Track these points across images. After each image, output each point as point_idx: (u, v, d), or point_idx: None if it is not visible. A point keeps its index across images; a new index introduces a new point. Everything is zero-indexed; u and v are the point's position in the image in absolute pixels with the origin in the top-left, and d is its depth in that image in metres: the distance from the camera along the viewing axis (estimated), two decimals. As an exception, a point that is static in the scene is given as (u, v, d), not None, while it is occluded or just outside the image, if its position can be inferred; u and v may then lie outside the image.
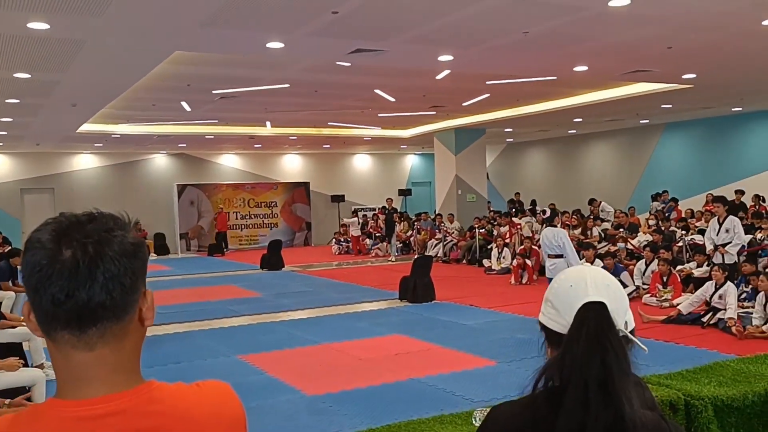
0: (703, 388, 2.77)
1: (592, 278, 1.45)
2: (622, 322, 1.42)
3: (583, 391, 1.32)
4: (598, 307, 1.39)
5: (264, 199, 24.77)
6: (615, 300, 1.42)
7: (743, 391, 2.78)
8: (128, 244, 1.11)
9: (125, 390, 1.10)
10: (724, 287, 8.97)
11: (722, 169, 18.51)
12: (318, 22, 7.31)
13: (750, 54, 9.87)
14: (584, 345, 1.35)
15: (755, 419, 2.80)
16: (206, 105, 14.18)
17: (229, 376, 7.06)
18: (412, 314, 10.58)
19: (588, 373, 1.32)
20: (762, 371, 2.99)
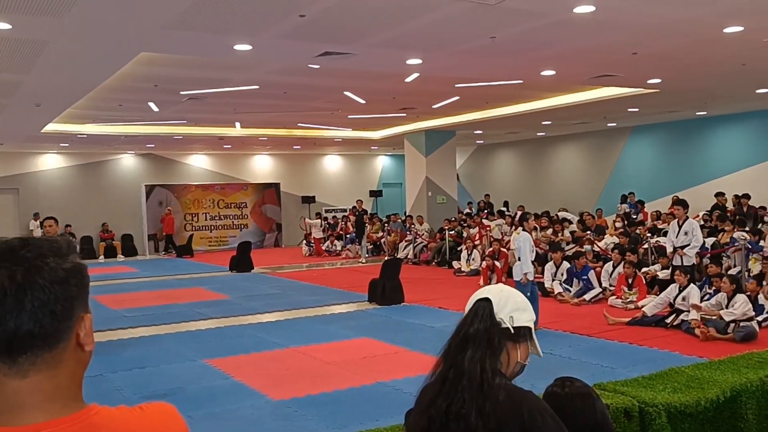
0: (657, 394, 2.82)
1: (491, 287, 1.96)
2: (506, 315, 1.86)
3: (446, 347, 1.88)
4: (482, 300, 1.89)
5: (234, 200, 24.61)
6: (502, 298, 1.89)
7: (696, 398, 2.83)
8: (61, 270, 1.10)
9: (63, 416, 1.09)
10: (687, 289, 9.12)
11: (687, 171, 18.82)
12: (285, 25, 7.29)
13: (712, 60, 10.05)
14: (461, 331, 1.85)
15: (708, 425, 2.86)
16: (174, 106, 14.05)
17: (193, 381, 7.01)
18: (380, 317, 10.59)
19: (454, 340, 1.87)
20: (715, 377, 3.05)
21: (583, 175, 22.36)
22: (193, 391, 6.64)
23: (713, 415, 2.87)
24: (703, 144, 18.69)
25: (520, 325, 1.86)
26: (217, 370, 7.49)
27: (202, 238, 23.85)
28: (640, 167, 20.37)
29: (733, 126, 17.93)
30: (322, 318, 10.62)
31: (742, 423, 2.95)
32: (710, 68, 10.75)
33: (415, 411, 1.87)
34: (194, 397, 6.46)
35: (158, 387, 6.80)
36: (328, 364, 7.64)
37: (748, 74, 11.34)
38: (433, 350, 7.18)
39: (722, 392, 2.89)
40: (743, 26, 7.91)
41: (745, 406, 2.96)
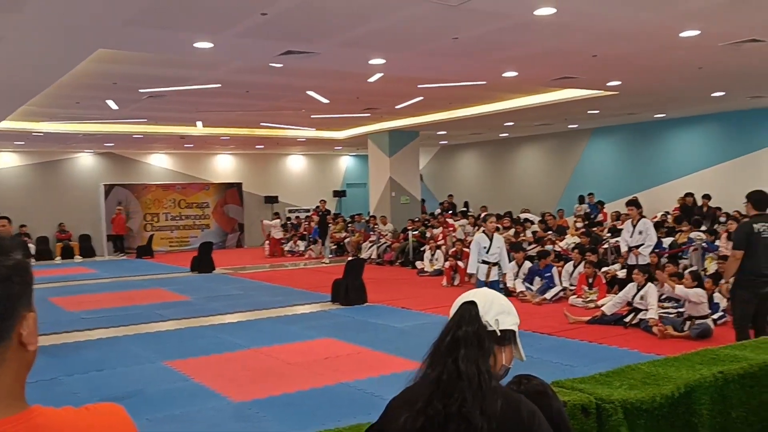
0: (614, 391, 2.85)
1: (476, 291, 1.97)
2: (491, 319, 1.88)
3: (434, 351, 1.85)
4: (467, 304, 1.90)
5: (195, 200, 24.34)
6: (488, 302, 1.90)
7: (652, 394, 2.87)
8: (3, 268, 1.07)
9: (6, 417, 1.06)
10: (645, 288, 9.28)
11: (647, 172, 19.16)
12: (247, 24, 7.23)
13: (670, 63, 10.25)
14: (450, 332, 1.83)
15: (663, 421, 2.90)
16: (134, 104, 13.83)
17: (153, 383, 6.91)
18: (343, 317, 10.57)
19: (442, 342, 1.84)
20: (670, 374, 3.10)
21: (544, 175, 22.62)
22: (153, 394, 6.54)
23: (668, 411, 2.92)
24: (662, 146, 19.05)
25: (506, 328, 1.89)
26: (178, 372, 7.39)
27: (162, 239, 23.53)
28: (600, 168, 20.68)
29: (691, 128, 18.31)
30: (284, 318, 10.56)
31: (696, 418, 3.01)
32: (668, 71, 10.95)
33: (407, 412, 1.81)
34: (154, 399, 6.36)
35: (116, 390, 6.68)
36: (290, 365, 7.59)
37: (704, 78, 11.58)
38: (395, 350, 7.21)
39: (677, 388, 2.94)
40: (699, 30, 8.08)
41: (699, 401, 3.02)
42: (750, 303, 6.67)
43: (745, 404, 3.21)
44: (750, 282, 6.62)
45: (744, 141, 16.97)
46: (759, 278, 6.60)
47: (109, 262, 20.96)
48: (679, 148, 18.64)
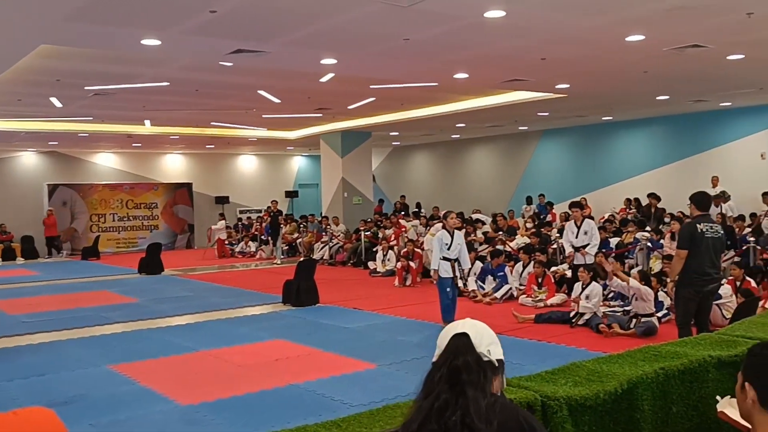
0: (559, 388, 2.89)
1: (464, 322, 1.95)
2: (484, 349, 1.87)
3: (435, 398, 1.77)
4: (460, 336, 1.88)
5: (144, 200, 23.88)
6: (478, 332, 1.91)
7: (596, 390, 2.91)
8: None
9: None
10: (590, 287, 9.44)
11: (595, 174, 19.56)
12: (196, 21, 7.12)
13: (616, 67, 10.47)
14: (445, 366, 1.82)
15: (606, 417, 2.95)
16: (79, 101, 13.49)
17: (97, 388, 6.74)
18: (294, 318, 10.49)
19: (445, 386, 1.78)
20: (614, 370, 3.15)
21: (495, 176, 22.88)
22: (97, 398, 6.38)
23: (611, 407, 2.96)
24: (610, 148, 19.47)
25: (498, 358, 1.91)
26: (123, 375, 7.23)
27: (109, 240, 23.03)
28: (550, 170, 21.01)
29: (637, 131, 18.76)
30: (234, 320, 10.43)
31: (638, 414, 3.06)
32: (614, 75, 11.19)
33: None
34: (98, 404, 6.20)
35: (58, 395, 6.49)
36: (239, 367, 7.50)
37: (649, 81, 11.87)
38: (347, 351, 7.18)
39: (620, 385, 2.99)
40: (644, 35, 8.28)
41: (641, 397, 3.08)
42: (692, 301, 6.86)
43: (685, 399, 3.28)
44: (693, 280, 6.81)
45: (688, 144, 17.46)
46: (701, 277, 6.80)
47: (52, 263, 20.39)
48: (626, 150, 19.07)
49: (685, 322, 6.93)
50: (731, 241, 12.44)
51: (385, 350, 8.08)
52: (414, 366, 7.26)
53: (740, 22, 7.72)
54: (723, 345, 3.63)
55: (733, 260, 11.06)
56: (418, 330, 9.32)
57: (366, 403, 5.87)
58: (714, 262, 6.89)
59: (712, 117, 16.84)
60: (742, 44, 8.95)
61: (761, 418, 2.03)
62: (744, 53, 9.51)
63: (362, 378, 6.96)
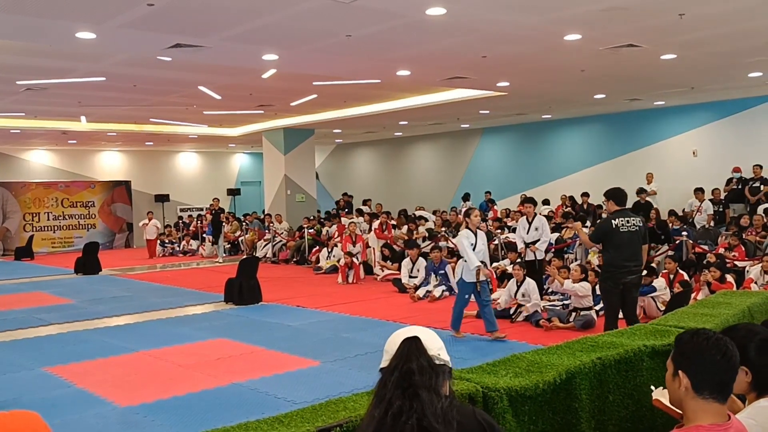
0: (499, 379, 2.93)
1: (410, 328, 1.95)
2: (435, 351, 1.87)
3: (388, 404, 1.74)
4: (412, 339, 1.87)
5: (80, 199, 23.21)
6: (429, 336, 1.91)
7: (535, 381, 2.97)
8: None
9: None
10: (525, 284, 9.58)
11: (535, 171, 19.92)
12: (132, 14, 6.96)
13: (554, 66, 10.68)
14: (397, 370, 1.80)
15: (546, 406, 3.01)
16: (10, 96, 13.02)
17: (31, 391, 6.52)
18: (237, 317, 10.37)
19: (396, 390, 1.76)
20: (553, 361, 3.22)
21: (438, 174, 23.07)
22: (30, 402, 6.16)
23: (551, 397, 3.02)
24: (549, 146, 19.86)
25: (447, 360, 1.90)
26: (58, 377, 7.01)
27: (44, 240, 22.32)
28: (491, 167, 21.30)
29: (575, 129, 19.19)
30: (175, 320, 10.24)
31: (577, 403, 3.13)
32: (553, 74, 11.42)
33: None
34: (31, 408, 5.92)
35: (-9, 402, 6.26)
36: (180, 367, 7.37)
37: (586, 80, 12.15)
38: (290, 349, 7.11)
39: (558, 375, 3.06)
40: (581, 35, 8.47)
41: (579, 387, 3.15)
42: (614, 293, 7.08)
43: (621, 388, 3.38)
44: (611, 273, 7.05)
45: (623, 141, 17.95)
46: (619, 270, 7.02)
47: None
48: (564, 148, 19.49)
49: (610, 314, 7.17)
50: (665, 236, 12.85)
51: (328, 347, 8.06)
52: (358, 362, 7.26)
53: (673, 23, 7.98)
54: (657, 335, 3.74)
55: (666, 254, 11.41)
56: (361, 327, 9.32)
57: (310, 400, 5.83)
58: (633, 255, 7.05)
59: (646, 115, 17.36)
60: (675, 44, 9.25)
61: (694, 404, 2.09)
62: (676, 53, 9.82)
63: (306, 375, 6.93)
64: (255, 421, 2.55)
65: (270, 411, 5.43)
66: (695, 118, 16.58)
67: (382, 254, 14.93)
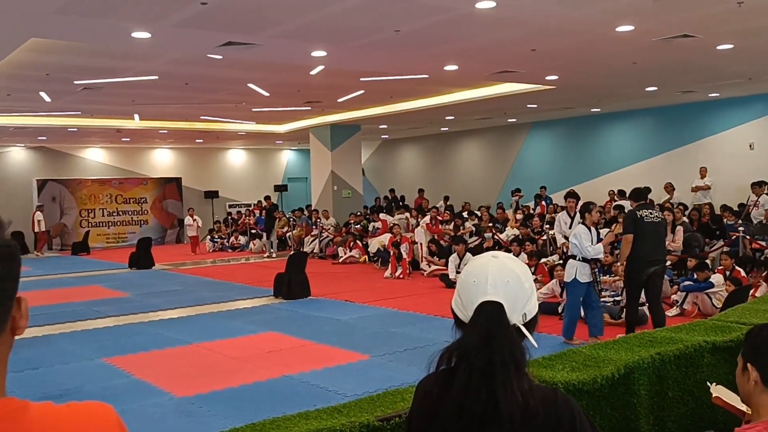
0: (557, 374, 2.91)
1: (494, 275, 1.56)
2: (518, 316, 1.55)
3: (467, 378, 1.47)
4: (494, 307, 1.52)
5: (133, 195, 23.76)
6: (512, 297, 1.55)
7: (593, 375, 2.94)
8: (4, 246, 1.01)
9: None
10: None
11: (584, 166, 19.63)
12: (186, 13, 7.09)
13: (605, 58, 10.50)
14: (476, 341, 1.49)
15: (603, 402, 2.98)
16: (68, 96, 13.40)
17: (92, 381, 6.73)
18: (286, 311, 10.50)
19: (474, 364, 1.47)
20: (610, 356, 3.18)
21: (484, 169, 22.92)
22: (91, 391, 6.37)
23: (608, 392, 2.99)
24: (598, 140, 19.55)
25: (532, 316, 1.58)
26: (117, 368, 7.22)
27: (99, 235, 22.91)
28: (539, 162, 21.07)
29: (625, 123, 18.84)
30: (226, 314, 10.42)
31: (635, 398, 3.10)
32: (603, 66, 11.23)
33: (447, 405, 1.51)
34: (92, 396, 6.18)
35: (53, 387, 6.48)
36: (232, 359, 7.51)
37: (638, 72, 11.92)
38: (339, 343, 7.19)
39: (617, 370, 3.02)
40: (634, 26, 8.31)
41: (637, 382, 3.11)
42: (637, 281, 7.45)
43: (680, 384, 3.32)
44: (638, 264, 7.36)
45: (676, 135, 17.55)
46: (645, 260, 7.32)
47: (43, 259, 20.28)
48: (614, 142, 19.16)
49: (631, 302, 7.59)
50: (719, 231, 12.55)
51: (377, 341, 8.10)
52: (407, 357, 7.29)
53: (730, 12, 7.77)
54: (717, 331, 3.67)
55: (722, 250, 11.14)
56: (409, 322, 9.35)
57: (360, 393, 5.88)
58: (657, 246, 7.42)
59: (700, 108, 16.94)
60: (732, 34, 9.00)
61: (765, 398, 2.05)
62: (733, 43, 9.56)
63: (356, 369, 6.99)
64: (315, 410, 2.59)
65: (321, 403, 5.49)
66: (752, 110, 16.11)
67: (429, 250, 14.92)
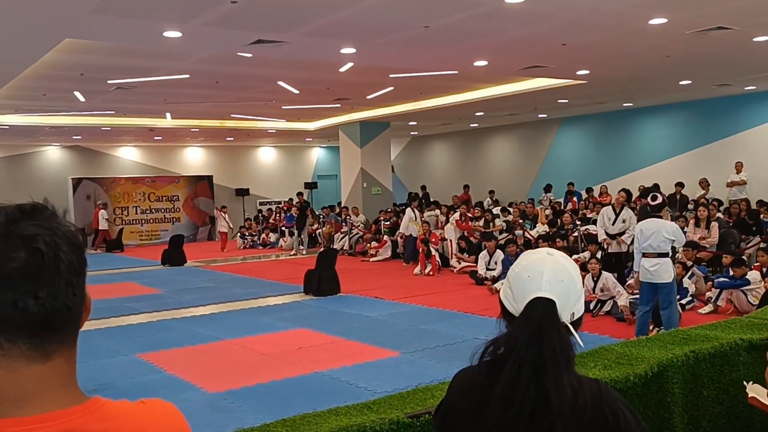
0: (589, 371, 2.88)
1: (549, 272, 1.57)
2: (568, 315, 1.55)
3: (517, 371, 1.46)
4: (546, 303, 1.52)
5: (165, 193, 24.06)
6: (564, 295, 1.55)
7: (625, 373, 2.90)
8: (75, 235, 0.98)
9: (73, 406, 0.97)
10: (602, 278, 9.30)
11: (616, 161, 19.38)
12: (216, 12, 7.14)
13: (638, 52, 10.35)
14: (526, 335, 1.48)
15: (637, 400, 2.94)
16: (101, 95, 13.60)
17: (126, 376, 6.84)
18: (316, 307, 10.55)
19: (525, 357, 1.46)
20: (643, 354, 3.14)
21: (515, 165, 22.76)
22: (125, 386, 6.47)
23: (642, 390, 2.95)
24: (630, 135, 19.28)
25: (579, 315, 1.59)
26: (150, 364, 7.32)
27: (132, 232, 23.24)
28: (569, 158, 20.86)
29: (658, 117, 18.55)
30: (257, 310, 10.51)
31: (669, 397, 3.05)
32: (636, 60, 11.07)
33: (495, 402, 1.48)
34: (126, 391, 6.29)
35: (88, 382, 6.56)
36: (263, 355, 7.56)
37: (672, 66, 11.73)
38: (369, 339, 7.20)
39: (650, 368, 2.98)
40: (667, 18, 8.17)
41: (671, 380, 3.06)
42: None
43: (716, 383, 3.27)
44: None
45: (710, 129, 17.23)
46: None
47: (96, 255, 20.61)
48: (647, 137, 18.88)
49: None
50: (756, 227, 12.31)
51: (407, 338, 8.10)
52: (438, 354, 7.27)
53: (766, 3, 7.60)
54: (753, 328, 3.60)
55: (759, 246, 10.92)
56: (439, 319, 9.33)
57: (390, 390, 5.89)
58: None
59: (735, 101, 16.60)
60: (768, 26, 8.82)
61: None
62: (770, 35, 9.36)
63: (386, 365, 6.99)
64: (345, 406, 2.60)
65: (351, 399, 5.52)
66: (789, 104, 15.77)
67: (459, 246, 14.87)
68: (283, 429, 2.43)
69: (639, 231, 7.57)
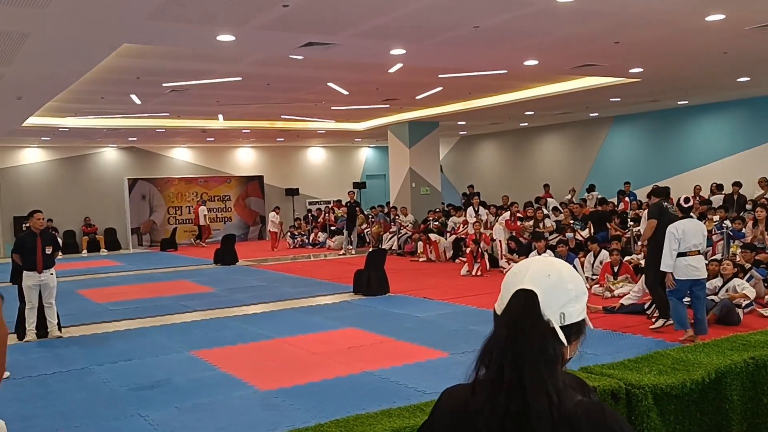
0: (643, 377, 2.85)
1: (536, 268, 1.47)
2: (554, 314, 1.41)
3: (498, 373, 1.36)
4: (526, 294, 1.41)
5: (217, 193, 24.50)
6: (550, 290, 1.43)
7: (682, 379, 2.86)
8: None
9: None
10: None
11: (670, 160, 18.96)
12: (269, 15, 7.25)
13: (694, 49, 10.12)
14: (505, 330, 1.39)
15: (693, 406, 2.89)
16: (156, 98, 13.94)
17: (180, 372, 7.00)
18: (366, 307, 10.61)
19: (504, 357, 1.36)
20: (700, 359, 3.08)
21: (565, 165, 22.46)
22: (180, 383, 6.63)
23: (699, 397, 2.90)
24: (685, 133, 18.84)
25: (573, 321, 1.44)
26: (204, 361, 7.48)
27: (185, 232, 23.73)
28: (622, 157, 20.49)
29: (715, 115, 18.08)
30: (307, 309, 10.62)
31: (727, 404, 2.99)
32: (692, 57, 10.82)
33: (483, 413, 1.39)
34: (181, 388, 6.45)
35: (145, 379, 6.78)
36: (314, 355, 7.65)
37: (729, 63, 11.44)
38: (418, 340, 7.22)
39: (707, 374, 2.93)
40: (725, 14, 7.98)
41: (729, 387, 3.00)
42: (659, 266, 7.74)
43: (776, 390, 3.19)
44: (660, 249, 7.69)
45: (769, 127, 16.73)
46: None
47: (134, 255, 21.20)
48: (702, 136, 18.42)
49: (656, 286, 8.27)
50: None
51: (457, 339, 8.09)
52: (487, 355, 7.23)
53: (829, -2, 7.36)
54: (816, 334, 3.50)
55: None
56: (489, 320, 9.11)
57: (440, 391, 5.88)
58: None
59: (796, 99, 16.09)
60: (831, 21, 8.52)
61: None
62: (833, 30, 9.05)
63: (435, 366, 7.00)
64: (397, 408, 2.62)
65: (401, 400, 5.56)
66: None
67: (509, 247, 14.76)
68: (337, 429, 2.47)
69: (681, 231, 7.49)
